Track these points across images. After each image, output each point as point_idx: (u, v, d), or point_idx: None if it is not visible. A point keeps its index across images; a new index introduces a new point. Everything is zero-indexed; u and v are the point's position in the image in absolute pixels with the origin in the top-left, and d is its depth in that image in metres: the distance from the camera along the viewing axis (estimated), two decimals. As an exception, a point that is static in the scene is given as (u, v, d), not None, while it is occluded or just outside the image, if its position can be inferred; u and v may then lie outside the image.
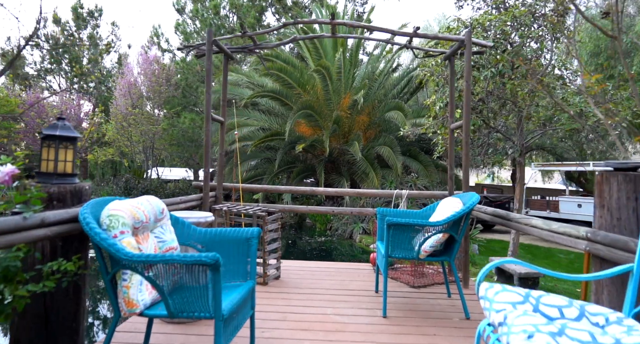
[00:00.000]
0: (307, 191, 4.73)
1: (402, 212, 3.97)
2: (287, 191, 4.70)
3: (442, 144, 8.86)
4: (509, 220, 3.16)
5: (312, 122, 14.13)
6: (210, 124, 4.27)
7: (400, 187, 12.57)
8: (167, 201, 3.45)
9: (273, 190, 4.74)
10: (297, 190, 4.69)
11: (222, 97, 4.81)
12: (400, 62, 18.45)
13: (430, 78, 8.48)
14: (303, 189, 4.70)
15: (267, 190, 4.68)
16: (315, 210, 4.79)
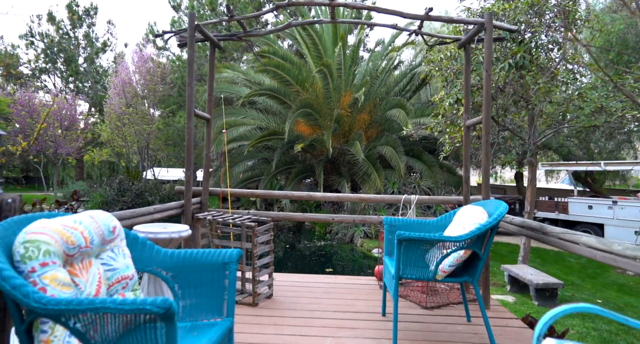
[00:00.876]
0: (304, 196, 4.19)
1: (413, 222, 3.44)
2: (281, 196, 4.18)
3: (449, 144, 8.33)
4: (545, 234, 2.62)
5: (311, 120, 13.61)
6: (193, 121, 3.74)
7: (404, 189, 12.05)
8: (138, 212, 2.92)
9: (266, 195, 4.22)
10: (293, 195, 4.16)
11: (208, 91, 4.28)
12: (402, 59, 17.94)
13: (438, 73, 7.94)
14: (299, 194, 4.16)
15: (259, 195, 4.14)
16: (312, 217, 4.26)
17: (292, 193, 4.27)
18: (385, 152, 12.37)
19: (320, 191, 12.57)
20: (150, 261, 2.00)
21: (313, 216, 4.28)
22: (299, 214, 4.32)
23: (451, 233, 3.05)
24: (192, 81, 3.75)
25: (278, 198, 3.87)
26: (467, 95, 4.09)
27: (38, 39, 27.16)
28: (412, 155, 13.37)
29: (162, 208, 3.40)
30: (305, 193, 4.29)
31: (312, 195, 4.27)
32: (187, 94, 3.72)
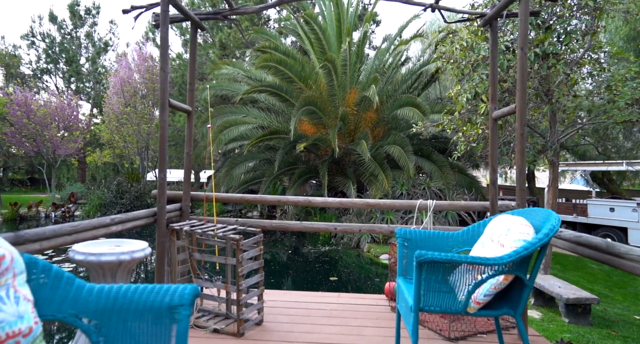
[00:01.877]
0: (301, 202, 3.58)
1: (432, 235, 2.81)
2: (273, 201, 3.57)
3: (463, 143, 7.66)
4: (619, 256, 1.97)
5: (315, 119, 12.99)
6: (167, 114, 3.14)
7: (413, 191, 11.40)
8: (85, 225, 2.30)
9: (257, 201, 3.62)
10: (288, 200, 3.56)
11: (189, 78, 3.68)
12: (409, 55, 17.28)
13: (451, 66, 7.28)
14: (295, 199, 3.56)
15: (249, 200, 3.56)
16: (312, 227, 3.64)
17: (287, 198, 3.65)
18: (392, 151, 11.72)
19: (325, 193, 11.96)
20: (64, 304, 1.39)
21: (312, 225, 3.66)
22: (295, 223, 3.70)
23: (483, 251, 2.42)
24: (166, 65, 3.14)
25: (271, 203, 3.34)
26: (494, 82, 3.45)
27: (39, 39, 26.85)
28: (420, 155, 12.71)
29: (123, 218, 2.78)
30: (302, 198, 3.67)
31: (311, 200, 3.65)
32: (160, 81, 3.12)
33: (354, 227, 3.69)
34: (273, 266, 9.92)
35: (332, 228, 3.67)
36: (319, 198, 3.68)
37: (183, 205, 3.64)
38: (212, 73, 14.36)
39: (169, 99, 3.17)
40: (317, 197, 3.67)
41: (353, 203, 3.69)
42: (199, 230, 3.03)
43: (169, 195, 3.77)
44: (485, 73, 6.15)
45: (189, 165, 3.67)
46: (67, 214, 15.67)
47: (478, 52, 6.45)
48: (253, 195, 3.75)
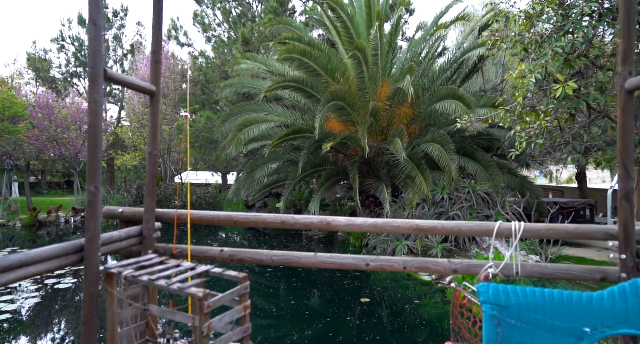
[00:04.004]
0: (314, 223, 2.41)
1: (547, 298, 1.52)
2: (274, 223, 2.40)
3: (523, 138, 6.21)
4: None
5: (343, 115, 11.75)
6: (101, 90, 2.01)
7: (455, 195, 9.96)
8: None
9: (246, 221, 2.46)
10: (295, 221, 2.41)
11: (152, 46, 2.55)
12: (446, 45, 15.74)
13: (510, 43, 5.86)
14: (305, 220, 2.39)
15: (223, 219, 2.43)
16: (331, 262, 2.44)
17: (293, 217, 2.47)
18: (431, 150, 10.31)
19: (356, 197, 10.69)
20: None
21: (332, 260, 2.45)
22: (308, 255, 2.50)
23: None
24: (98, 17, 2.02)
25: (269, 225, 2.31)
26: (630, 33, 2.10)
27: (68, 42, 26.94)
28: (463, 154, 11.22)
29: (28, 259, 1.63)
30: (317, 218, 2.48)
31: (331, 222, 2.44)
32: (89, 39, 1.99)
33: (395, 263, 2.44)
34: (294, 278, 8.77)
35: (362, 264, 2.44)
36: (341, 218, 2.46)
37: (144, 228, 2.50)
38: (232, 69, 13.37)
39: (106, 68, 2.03)
40: (339, 217, 2.45)
41: (394, 226, 2.44)
42: (146, 276, 1.87)
43: (127, 214, 2.65)
44: (561, 46, 4.74)
45: (152, 169, 2.53)
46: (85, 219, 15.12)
47: (552, 24, 5.04)
48: (245, 214, 2.57)
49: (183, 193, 15.75)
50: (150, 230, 2.52)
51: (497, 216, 9.56)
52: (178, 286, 1.77)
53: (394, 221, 2.46)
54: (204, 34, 18.40)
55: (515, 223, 2.32)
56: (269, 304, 7.32)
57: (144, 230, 2.51)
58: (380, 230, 2.47)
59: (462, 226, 2.41)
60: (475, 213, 9.67)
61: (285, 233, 14.71)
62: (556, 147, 6.81)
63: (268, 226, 2.55)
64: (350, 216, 13.98)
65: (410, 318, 6.49)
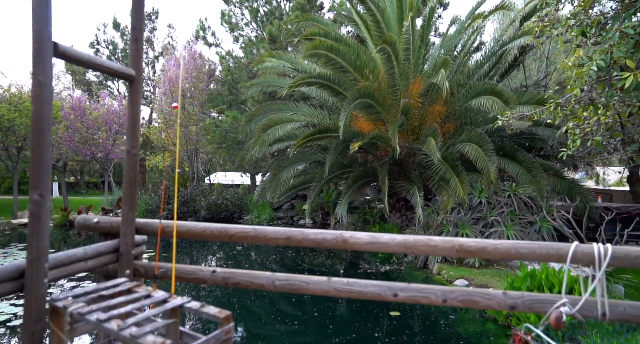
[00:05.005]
0: (289, 237, 1.89)
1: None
2: (244, 236, 1.91)
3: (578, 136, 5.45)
4: None
5: (372, 114, 11.16)
6: (50, 70, 1.56)
7: (495, 199, 9.17)
8: None
9: (222, 235, 1.95)
10: (267, 235, 1.89)
11: (132, 21, 2.10)
12: (482, 40, 14.84)
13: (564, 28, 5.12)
14: (276, 235, 1.89)
15: (215, 232, 1.93)
16: (347, 291, 1.92)
17: (270, 230, 1.97)
18: (467, 150, 9.56)
19: (385, 200, 10.08)
20: None
21: (349, 289, 1.92)
22: (320, 281, 1.99)
23: None
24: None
25: (239, 238, 1.86)
26: None
27: (103, 46, 27.58)
28: (502, 155, 10.39)
29: None
30: (296, 231, 1.96)
31: (348, 240, 1.91)
32: (32, 3, 1.56)
33: (431, 294, 1.88)
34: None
35: (388, 295, 1.89)
36: (362, 234, 1.93)
37: (121, 243, 2.05)
38: (257, 68, 13.03)
39: (57, 42, 1.59)
40: (358, 234, 1.92)
41: (430, 246, 1.88)
42: (96, 314, 1.40)
43: (104, 225, 2.21)
44: (631, 26, 3.99)
45: (131, 170, 2.07)
46: (114, 220, 15.22)
47: None
48: (243, 227, 2.08)
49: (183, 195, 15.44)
50: (128, 246, 2.06)
51: (542, 223, 8.70)
52: (131, 333, 1.29)
53: (430, 239, 1.90)
54: (231, 33, 18.23)
55: (599, 246, 1.71)
56: (287, 312, 6.84)
57: (121, 245, 2.06)
58: (412, 251, 1.92)
59: (522, 248, 1.82)
60: (517, 219, 8.84)
61: (312, 237, 14.22)
62: (615, 146, 5.98)
63: (269, 242, 2.04)
64: (380, 220, 13.34)
65: (446, 334, 5.85)
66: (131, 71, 2.05)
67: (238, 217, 16.91)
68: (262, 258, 11.17)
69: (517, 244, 1.79)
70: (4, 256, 10.21)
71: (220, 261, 10.45)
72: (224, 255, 11.21)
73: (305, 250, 12.03)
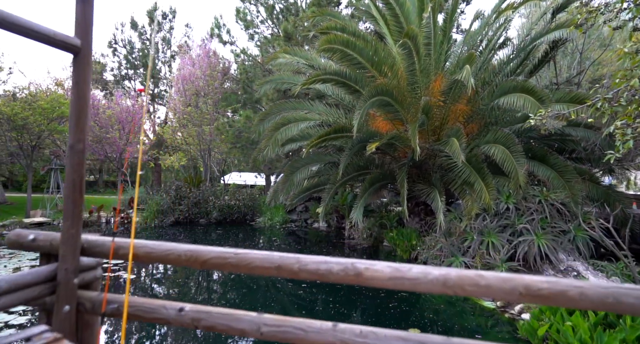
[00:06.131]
0: (280, 266, 1.35)
1: None
2: (221, 263, 1.37)
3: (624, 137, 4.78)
4: None
5: (390, 113, 10.55)
6: None
7: (524, 206, 8.45)
8: None
9: (192, 261, 1.41)
10: (251, 262, 1.36)
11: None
12: (508, 36, 14.03)
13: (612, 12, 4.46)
14: (264, 262, 1.36)
15: (180, 259, 1.39)
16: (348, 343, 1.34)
17: (255, 256, 1.43)
18: (493, 152, 8.87)
19: (404, 205, 9.46)
20: None
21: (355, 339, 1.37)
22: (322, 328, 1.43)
23: None
24: None
25: (215, 265, 1.42)
26: None
27: (121, 45, 27.62)
28: (531, 157, 9.66)
29: None
30: (291, 258, 1.42)
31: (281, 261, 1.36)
32: None
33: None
34: (330, 294, 7.68)
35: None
36: (382, 265, 1.38)
37: (60, 268, 1.55)
38: (271, 65, 12.55)
39: None
40: (377, 264, 1.37)
41: (481, 287, 1.29)
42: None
43: (42, 243, 1.70)
44: None
45: (75, 173, 1.56)
46: (125, 220, 14.96)
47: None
48: (220, 251, 1.55)
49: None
50: (68, 272, 1.55)
51: (577, 232, 7.94)
52: None
53: (480, 276, 1.33)
54: (246, 31, 17.85)
55: None
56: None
57: (59, 271, 1.55)
58: (454, 291, 1.35)
59: (627, 296, 1.23)
60: (548, 227, 8.11)
61: (326, 241, 13.68)
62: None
63: (255, 272, 1.50)
64: (398, 224, 12.69)
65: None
66: (75, 41, 1.54)
67: (250, 219, 16.47)
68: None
69: (617, 290, 1.20)
70: (9, 258, 9.97)
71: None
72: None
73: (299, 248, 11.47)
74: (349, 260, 1.44)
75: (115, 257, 1.61)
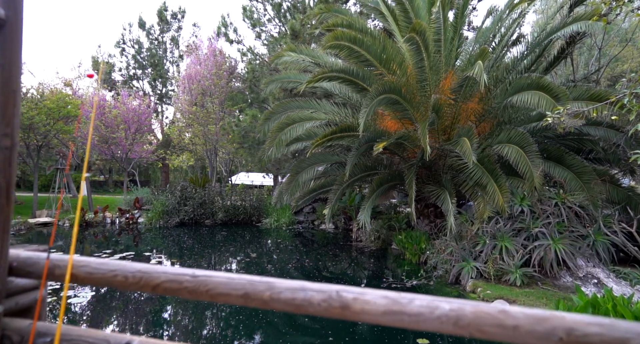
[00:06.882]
0: (247, 294, 1.03)
1: None
2: (176, 289, 1.06)
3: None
4: None
5: (398, 111, 10.19)
6: None
7: (540, 209, 8.04)
8: None
9: (143, 285, 1.11)
10: (213, 289, 1.12)
11: None
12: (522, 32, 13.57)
13: None
14: (229, 289, 1.07)
15: (127, 282, 1.11)
16: None
17: (219, 279, 1.12)
18: (507, 152, 8.47)
19: (412, 207, 9.11)
20: None
21: None
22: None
23: None
24: None
25: (168, 290, 1.20)
26: None
27: (129, 45, 27.62)
28: (547, 157, 9.23)
29: None
30: (244, 281, 1.08)
31: (268, 292, 1.03)
32: None
33: None
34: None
35: None
36: (376, 295, 1.04)
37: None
38: (276, 63, 12.27)
39: None
40: (369, 293, 1.04)
41: (505, 326, 0.93)
42: None
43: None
44: None
45: (5, 176, 1.27)
46: (130, 221, 14.79)
47: None
48: (177, 272, 1.24)
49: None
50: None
51: (597, 237, 7.51)
52: None
53: (504, 313, 1.01)
54: (253, 29, 17.63)
55: None
56: (297, 332, 5.98)
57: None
58: (468, 333, 1.03)
59: None
60: (566, 231, 7.69)
61: (333, 243, 13.36)
62: None
63: (216, 300, 1.20)
64: (407, 226, 12.31)
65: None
66: None
67: (257, 220, 16.22)
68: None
69: None
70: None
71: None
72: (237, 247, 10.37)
73: (305, 250, 11.19)
74: (334, 287, 1.13)
75: (50, 278, 1.32)
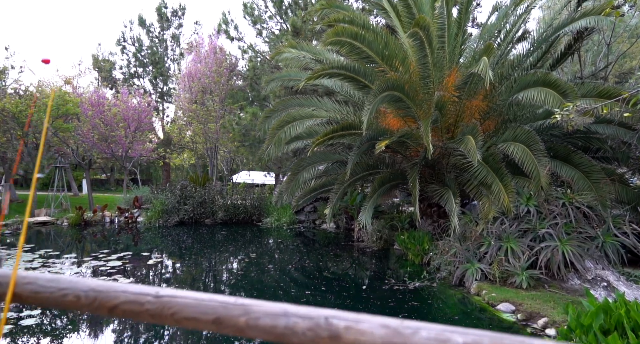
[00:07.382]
0: (218, 319, 0.77)
1: None
2: (136, 311, 0.82)
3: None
4: None
5: (401, 109, 9.98)
6: None
7: (546, 208, 7.82)
8: None
9: (90, 304, 0.91)
10: (179, 313, 1.10)
11: None
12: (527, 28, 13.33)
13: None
14: (197, 313, 0.68)
15: (80, 303, 0.83)
16: None
17: (185, 301, 0.90)
18: (513, 151, 8.25)
19: (415, 206, 8.92)
20: None
21: None
22: None
23: None
24: None
25: (128, 313, 1.04)
26: None
27: (129, 43, 27.46)
28: (553, 156, 9.00)
29: None
30: (216, 302, 0.87)
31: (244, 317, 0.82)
32: None
33: None
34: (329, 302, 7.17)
35: None
36: (371, 323, 0.82)
37: None
38: (276, 59, 12.06)
39: None
40: (363, 319, 0.81)
41: None
42: None
43: None
44: None
45: None
46: (129, 220, 14.64)
47: None
48: (126, 289, 1.04)
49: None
50: None
51: (606, 238, 7.29)
52: None
53: None
54: (254, 26, 17.41)
55: None
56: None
57: None
58: None
59: None
60: (574, 232, 7.46)
61: (334, 244, 13.16)
62: None
63: (182, 325, 1.01)
64: (409, 226, 12.11)
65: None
66: None
67: (257, 220, 16.03)
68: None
69: None
70: (7, 258, 9.68)
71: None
72: (239, 245, 10.25)
73: (306, 250, 11.00)
74: (322, 312, 0.93)
75: None
